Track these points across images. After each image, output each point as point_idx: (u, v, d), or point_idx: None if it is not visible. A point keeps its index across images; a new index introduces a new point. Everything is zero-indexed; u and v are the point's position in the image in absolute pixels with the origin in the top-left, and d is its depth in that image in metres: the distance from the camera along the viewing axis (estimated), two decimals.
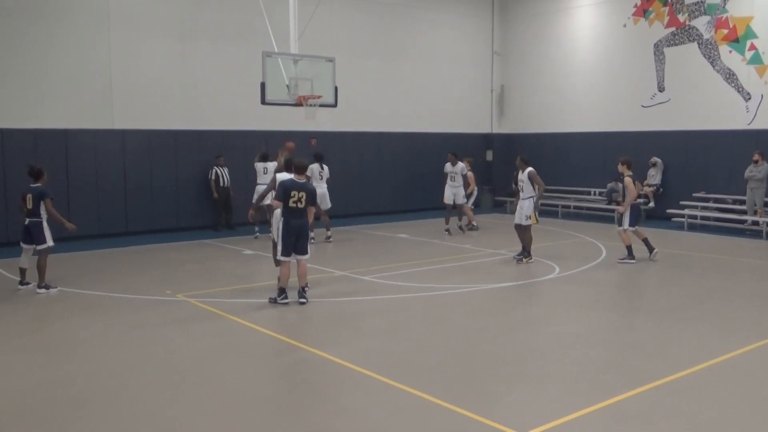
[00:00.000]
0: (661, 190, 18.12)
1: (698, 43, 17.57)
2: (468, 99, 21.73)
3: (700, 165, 17.50)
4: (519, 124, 22.14)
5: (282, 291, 8.72)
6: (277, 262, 9.36)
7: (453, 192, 15.39)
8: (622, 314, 8.43)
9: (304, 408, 5.42)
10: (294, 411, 5.36)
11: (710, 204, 17.09)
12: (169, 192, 15.86)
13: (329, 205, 14.54)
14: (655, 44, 18.45)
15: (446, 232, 15.26)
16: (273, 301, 8.72)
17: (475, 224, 16.11)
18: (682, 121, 17.87)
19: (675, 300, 9.25)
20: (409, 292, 9.55)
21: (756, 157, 15.59)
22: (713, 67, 17.29)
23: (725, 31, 17.06)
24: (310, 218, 8.82)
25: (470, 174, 16.07)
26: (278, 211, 8.76)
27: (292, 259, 8.72)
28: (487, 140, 22.24)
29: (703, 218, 16.78)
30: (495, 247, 13.58)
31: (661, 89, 18.42)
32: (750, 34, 16.61)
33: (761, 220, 15.40)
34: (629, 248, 11.91)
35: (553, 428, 4.95)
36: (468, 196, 16.15)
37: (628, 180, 11.93)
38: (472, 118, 21.89)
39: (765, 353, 6.76)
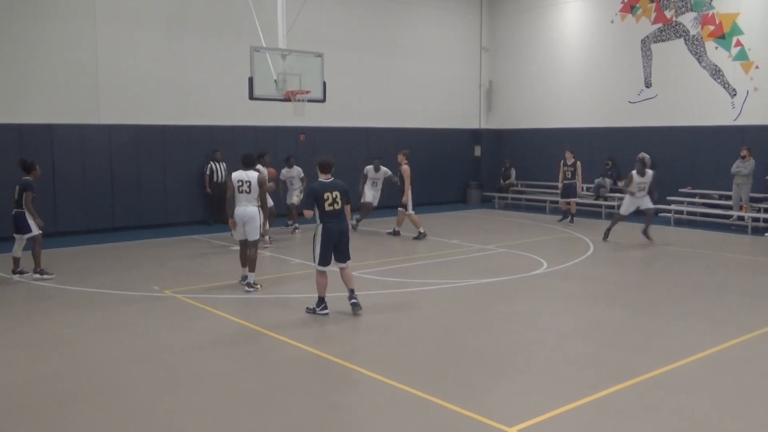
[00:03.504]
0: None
1: (685, 40, 17.66)
2: (456, 94, 21.75)
3: (687, 161, 17.62)
4: (507, 120, 22.19)
5: (321, 300, 8.04)
6: (245, 263, 9.42)
7: (374, 194, 15.10)
8: (609, 309, 8.48)
9: (293, 404, 5.42)
10: (283, 407, 5.37)
11: (696, 199, 17.22)
12: (158, 187, 15.78)
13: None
14: (642, 40, 18.53)
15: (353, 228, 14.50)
16: (311, 311, 8.04)
17: (423, 231, 14.10)
18: (669, 117, 17.98)
19: (662, 294, 9.33)
20: (396, 288, 9.57)
21: (743, 152, 15.71)
22: (700, 63, 17.39)
23: (711, 28, 17.16)
24: (348, 217, 8.15)
25: (406, 168, 14.18)
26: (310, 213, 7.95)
27: (334, 268, 8.07)
28: (475, 136, 22.29)
29: (689, 213, 16.90)
30: (483, 242, 13.62)
31: (648, 85, 18.52)
32: (736, 30, 16.72)
33: (747, 215, 15.53)
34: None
35: (541, 422, 4.98)
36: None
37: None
38: (460, 114, 21.92)
39: (750, 347, 6.84)
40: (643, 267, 11.92)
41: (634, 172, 13.61)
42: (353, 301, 8.04)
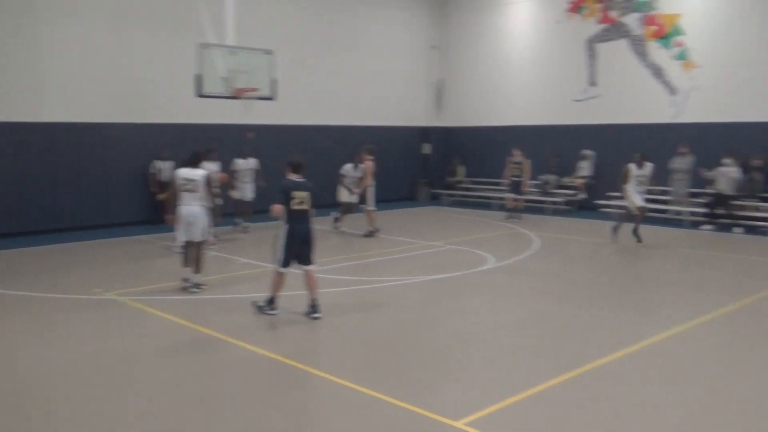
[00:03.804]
0: (593, 181, 18.66)
1: (628, 39, 18.12)
2: (406, 92, 21.84)
3: (629, 157, 18.04)
4: (457, 118, 22.40)
5: (272, 301, 7.86)
6: (187, 264, 9.18)
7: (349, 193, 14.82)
8: (553, 302, 8.66)
9: (244, 408, 5.38)
10: (234, 411, 5.31)
11: (646, 196, 17.64)
12: (99, 187, 15.38)
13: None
14: (587, 40, 18.94)
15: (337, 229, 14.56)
16: (259, 309, 7.88)
17: (374, 229, 14.11)
18: (613, 114, 18.43)
19: (604, 287, 9.58)
20: (346, 286, 9.58)
21: (682, 149, 16.23)
22: (642, 62, 17.87)
23: (655, 28, 17.65)
24: (312, 220, 7.93)
25: (369, 164, 14.26)
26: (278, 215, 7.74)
27: (296, 270, 7.90)
28: (424, 133, 22.41)
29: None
30: (432, 239, 13.73)
31: (593, 84, 18.93)
32: (678, 31, 17.23)
33: (684, 209, 16.06)
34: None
35: (488, 415, 5.07)
36: (362, 197, 14.37)
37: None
38: (410, 112, 22.02)
39: (687, 337, 7.08)
40: (587, 261, 12.21)
41: (631, 164, 13.01)
42: (314, 315, 7.74)
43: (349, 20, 20.03)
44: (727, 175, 15.07)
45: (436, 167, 22.25)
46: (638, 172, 12.85)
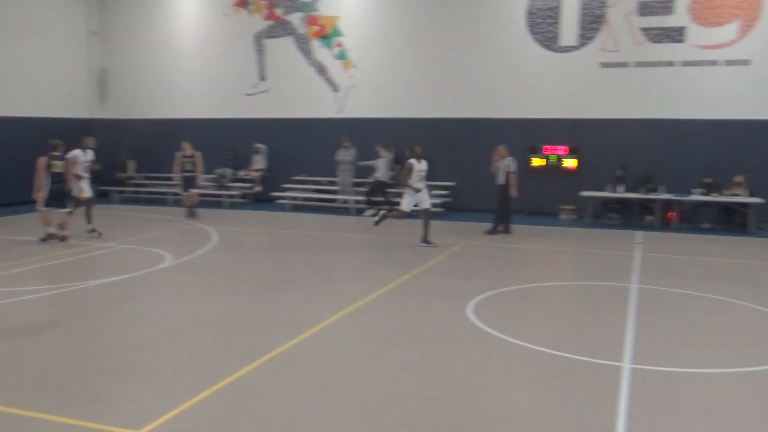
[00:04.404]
0: (267, 174, 19.19)
1: (294, 37, 18.94)
2: (62, 81, 19.83)
3: (300, 150, 18.99)
4: (125, 110, 21.08)
5: None
6: None
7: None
8: (234, 295, 8.69)
9: None
10: None
11: (309, 186, 18.72)
12: None
13: None
14: (255, 35, 19.32)
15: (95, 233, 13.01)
16: None
17: (54, 232, 12.30)
18: (283, 109, 19.13)
19: (283, 276, 9.92)
20: (5, 299, 8.40)
21: (346, 143, 17.56)
22: (307, 60, 18.85)
23: (317, 28, 18.71)
24: None
25: (40, 161, 12.20)
26: None
27: None
28: (87, 126, 20.63)
29: (303, 199, 18.29)
30: (103, 240, 12.74)
31: (262, 78, 19.40)
32: (337, 32, 18.51)
33: (350, 198, 17.45)
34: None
35: (172, 418, 4.87)
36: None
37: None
38: (67, 102, 20.02)
39: (359, 314, 7.67)
40: (265, 252, 12.52)
41: (412, 160, 12.28)
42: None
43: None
44: (382, 164, 16.70)
45: (103, 162, 20.66)
46: (419, 167, 12.26)
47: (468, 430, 4.82)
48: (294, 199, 18.19)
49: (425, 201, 12.42)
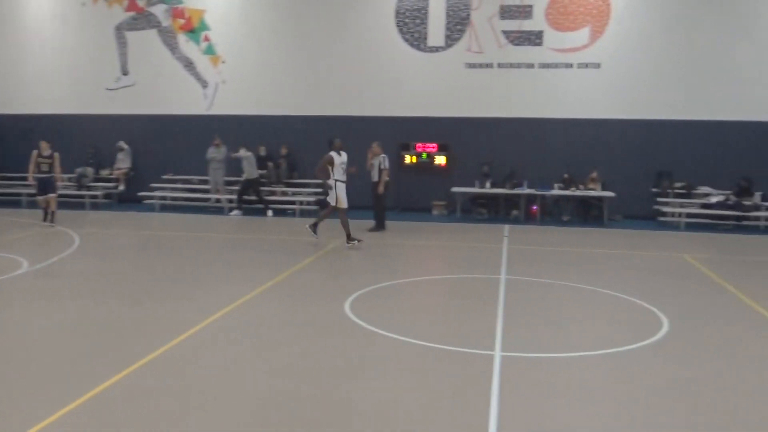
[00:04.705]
0: (132, 173, 18.33)
1: (158, 30, 18.20)
2: None
3: (168, 148, 18.28)
4: None
5: None
6: None
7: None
8: (101, 302, 8.22)
9: None
10: None
11: (179, 185, 18.08)
12: None
13: None
14: (116, 27, 18.38)
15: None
16: None
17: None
18: (149, 105, 18.33)
19: (153, 279, 9.50)
20: None
21: (216, 140, 17.11)
22: (173, 54, 18.17)
23: (182, 21, 18.08)
24: None
25: None
26: None
27: None
28: None
29: (173, 199, 17.63)
30: None
31: (125, 73, 18.50)
32: (204, 26, 17.98)
33: (222, 197, 17.04)
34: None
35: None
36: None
37: None
38: None
39: (235, 315, 7.51)
40: (133, 255, 11.95)
41: (332, 153, 11.92)
42: None
43: None
44: (251, 161, 16.37)
45: None
46: (339, 160, 11.94)
47: (350, 426, 4.86)
48: (163, 198, 17.49)
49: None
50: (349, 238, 11.99)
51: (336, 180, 11.92)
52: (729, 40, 15.96)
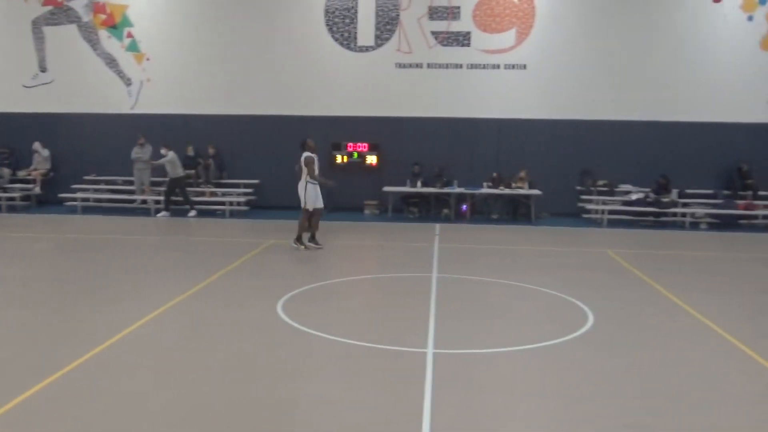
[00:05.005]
0: (52, 174, 17.61)
1: (78, 25, 17.54)
2: None
3: (91, 148, 17.65)
4: None
5: None
6: None
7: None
8: (21, 309, 7.85)
9: None
10: None
11: (102, 186, 17.48)
12: None
13: None
14: (33, 21, 17.62)
15: None
16: None
17: None
18: (69, 103, 17.66)
19: (74, 284, 9.13)
20: None
21: (141, 140, 16.62)
22: (95, 51, 17.56)
23: (103, 17, 17.49)
24: None
25: None
26: None
27: None
28: None
29: (96, 200, 17.04)
30: None
31: (43, 69, 17.76)
32: (126, 22, 17.44)
33: (149, 198, 16.57)
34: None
35: None
36: None
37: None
38: None
39: (166, 318, 7.31)
40: (55, 259, 11.46)
41: (312, 154, 11.61)
42: None
43: None
44: (173, 160, 15.91)
45: None
46: (317, 162, 11.81)
47: (285, 427, 4.81)
48: (86, 200, 16.87)
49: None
50: (298, 239, 11.81)
51: (308, 181, 11.61)
52: (646, 44, 16.65)
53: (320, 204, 11.87)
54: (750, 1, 16.47)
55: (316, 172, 11.66)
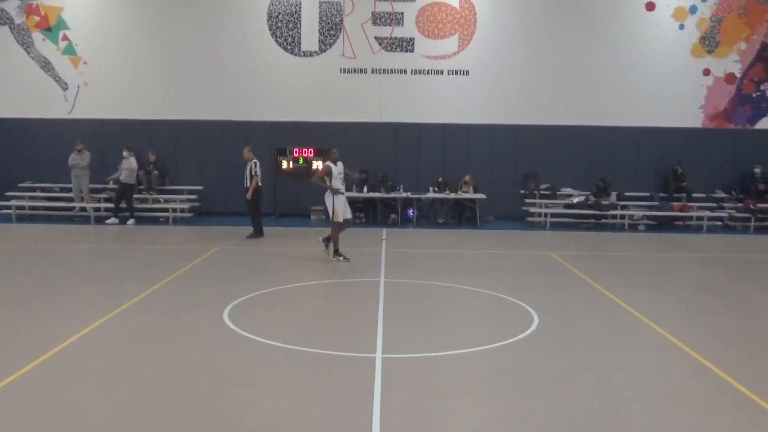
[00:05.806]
0: None
1: (10, 27, 16.94)
2: None
3: (25, 154, 17.03)
4: None
5: None
6: None
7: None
8: None
9: None
10: None
11: (38, 193, 16.88)
12: None
13: None
14: None
15: None
16: None
17: None
18: (2, 108, 17.02)
19: (8, 295, 8.79)
20: None
21: (79, 146, 16.13)
22: (28, 54, 16.98)
23: (37, 18, 16.93)
24: None
25: None
26: None
27: None
28: None
29: (31, 208, 16.44)
30: None
31: None
32: (62, 24, 16.92)
33: (88, 206, 16.09)
34: None
35: None
36: None
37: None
38: None
39: (108, 328, 7.10)
40: None
41: (329, 163, 11.37)
42: None
43: None
44: (128, 167, 15.58)
45: None
46: (337, 170, 11.36)
47: None
48: (21, 208, 16.26)
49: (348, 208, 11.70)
50: (336, 252, 11.48)
51: (334, 189, 11.30)
52: (584, 51, 17.10)
53: (349, 215, 11.75)
54: (681, 10, 17.11)
55: (328, 182, 11.28)
